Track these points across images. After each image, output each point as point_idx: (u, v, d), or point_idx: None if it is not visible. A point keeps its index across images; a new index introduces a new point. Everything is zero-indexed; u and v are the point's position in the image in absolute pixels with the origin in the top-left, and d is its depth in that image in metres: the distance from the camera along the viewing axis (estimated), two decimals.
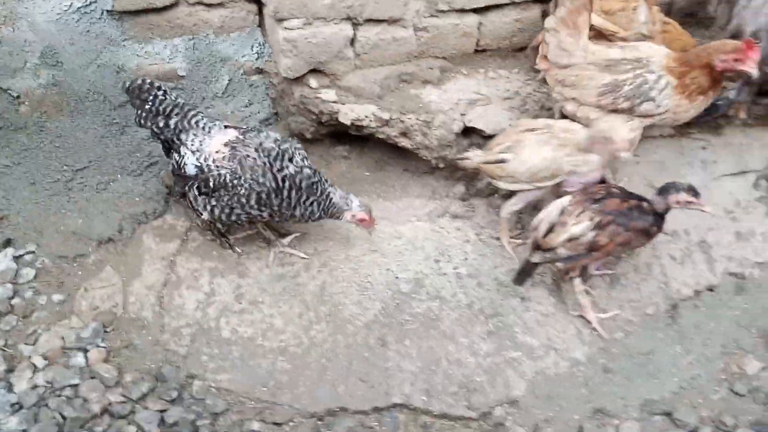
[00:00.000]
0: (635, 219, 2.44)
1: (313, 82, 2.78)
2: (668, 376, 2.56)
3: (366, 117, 2.69)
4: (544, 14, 2.99)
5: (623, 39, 2.76)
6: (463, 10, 2.84)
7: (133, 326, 2.54)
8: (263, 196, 2.47)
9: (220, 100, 2.97)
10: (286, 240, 2.76)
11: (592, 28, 2.70)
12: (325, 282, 2.66)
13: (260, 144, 2.49)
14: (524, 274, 2.59)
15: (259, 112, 2.99)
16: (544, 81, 2.91)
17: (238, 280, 2.68)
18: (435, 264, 2.74)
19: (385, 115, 2.70)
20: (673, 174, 2.85)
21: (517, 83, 2.91)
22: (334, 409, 2.39)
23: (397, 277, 2.69)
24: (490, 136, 2.81)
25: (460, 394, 2.44)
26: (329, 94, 2.74)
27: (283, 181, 2.47)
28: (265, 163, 2.46)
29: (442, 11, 2.81)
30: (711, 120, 2.84)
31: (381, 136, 2.76)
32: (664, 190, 2.44)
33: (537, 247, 2.51)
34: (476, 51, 3.01)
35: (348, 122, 2.70)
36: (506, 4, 2.89)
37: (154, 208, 2.89)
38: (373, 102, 2.74)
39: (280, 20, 2.64)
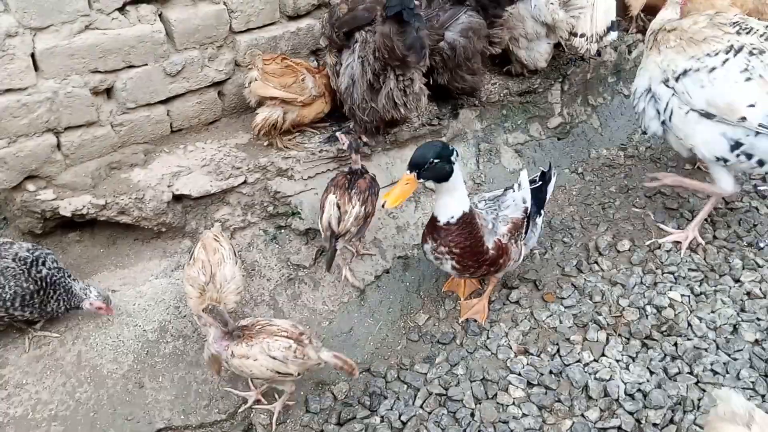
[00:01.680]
0: (376, 185, 3.49)
1: (30, 186, 3.24)
2: (365, 343, 3.52)
3: (84, 206, 3.23)
4: (220, 94, 3.80)
5: (302, 102, 3.66)
6: (149, 104, 3.51)
7: None
8: (27, 297, 2.93)
9: None
10: (38, 325, 3.19)
11: (276, 98, 3.56)
12: (81, 351, 3.16)
13: (16, 254, 2.94)
14: (332, 260, 3.43)
15: None
16: (235, 147, 3.71)
17: None
18: (175, 310, 3.37)
19: (101, 201, 3.26)
20: None
21: (211, 152, 3.65)
22: None
23: (144, 330, 3.28)
24: (199, 198, 3.53)
25: (211, 404, 3.12)
26: (47, 194, 3.22)
27: (41, 281, 2.95)
28: (24, 271, 2.91)
29: (132, 108, 3.45)
30: (334, 143, 3.80)
31: (103, 218, 3.31)
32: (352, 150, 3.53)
33: (336, 237, 3.33)
34: (173, 132, 3.70)
35: (69, 214, 3.21)
36: (185, 93, 3.62)
37: None
38: (88, 192, 3.28)
39: None
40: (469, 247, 3.08)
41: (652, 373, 3.28)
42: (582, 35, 4.15)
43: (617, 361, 3.38)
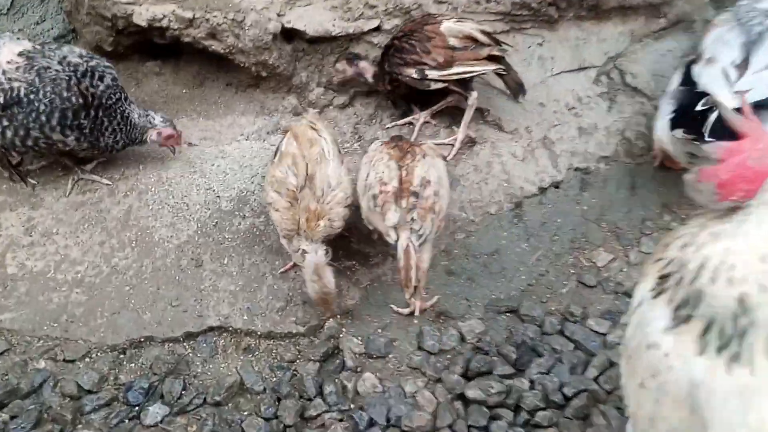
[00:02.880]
0: None
1: None
2: (514, 274, 2.40)
3: (165, 17, 2.38)
4: None
5: None
6: None
7: None
8: (68, 114, 2.13)
9: (6, 17, 2.60)
10: (88, 166, 2.42)
11: None
12: (132, 206, 2.34)
13: (64, 57, 2.16)
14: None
15: (52, 28, 2.63)
16: None
17: (29, 212, 2.32)
18: (262, 179, 2.48)
19: (188, 14, 2.39)
20: None
21: None
22: (138, 340, 2.07)
23: (218, 197, 2.41)
24: (315, 40, 2.59)
25: (288, 309, 2.18)
26: None
27: (92, 98, 2.15)
28: (70, 78, 2.13)
29: None
30: None
31: (187, 39, 2.45)
32: None
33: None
34: None
35: (143, 23, 2.38)
36: None
37: None
38: (174, 2, 2.43)
39: None
40: None
41: None
42: None
43: None
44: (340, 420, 1.88)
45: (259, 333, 2.13)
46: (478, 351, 2.11)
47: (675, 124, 2.19)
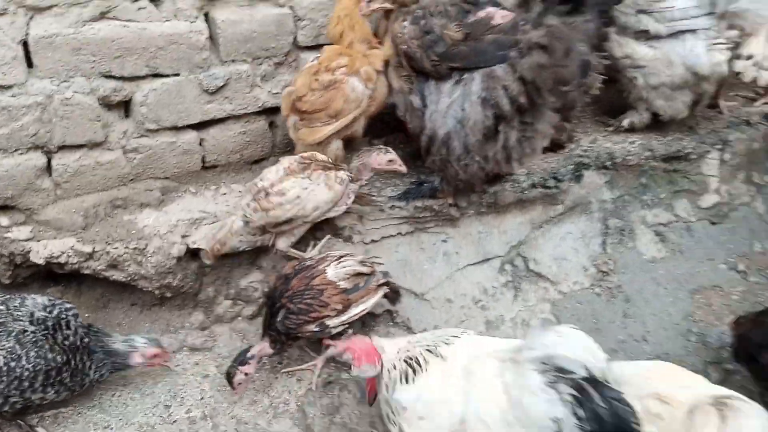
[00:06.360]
0: None
1: (3, 219, 2.44)
2: None
3: (63, 253, 2.37)
4: (272, 125, 2.94)
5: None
6: (176, 128, 2.68)
7: None
8: (52, 374, 2.10)
9: None
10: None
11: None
12: None
13: (32, 314, 2.14)
14: None
15: None
16: None
17: None
18: (165, 411, 2.39)
19: (87, 248, 2.39)
20: (416, 270, 2.80)
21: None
22: None
23: None
24: (222, 256, 2.61)
25: None
26: (20, 232, 2.41)
27: (71, 351, 2.15)
28: (46, 337, 2.10)
29: (153, 130, 2.63)
30: (412, 200, 2.79)
31: (87, 272, 2.44)
32: None
33: None
34: (205, 167, 2.85)
35: (41, 261, 2.36)
36: (226, 118, 2.78)
37: None
38: (74, 234, 2.44)
39: None
40: None
41: None
42: (749, 57, 3.22)
43: None
44: None
45: None
46: None
47: None
